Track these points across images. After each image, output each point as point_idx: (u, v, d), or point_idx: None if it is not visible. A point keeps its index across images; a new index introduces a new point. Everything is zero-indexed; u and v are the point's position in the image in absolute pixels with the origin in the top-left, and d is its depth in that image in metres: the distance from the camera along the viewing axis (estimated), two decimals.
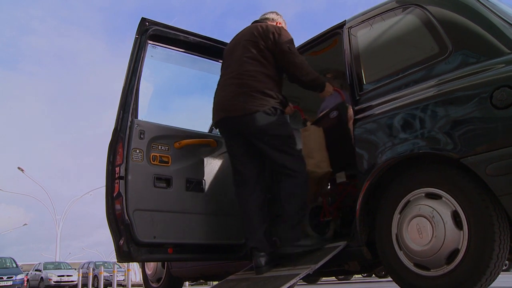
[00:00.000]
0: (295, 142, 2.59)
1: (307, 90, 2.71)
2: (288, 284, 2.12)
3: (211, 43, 3.02)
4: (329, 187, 3.21)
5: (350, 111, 2.63)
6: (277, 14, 2.84)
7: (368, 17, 2.51)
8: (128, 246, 2.39)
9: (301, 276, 2.18)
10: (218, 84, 2.71)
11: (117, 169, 2.47)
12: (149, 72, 2.88)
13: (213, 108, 2.68)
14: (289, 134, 2.57)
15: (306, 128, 2.93)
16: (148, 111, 2.85)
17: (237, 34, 2.74)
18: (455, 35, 2.05)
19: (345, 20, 2.68)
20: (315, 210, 3.06)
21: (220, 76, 2.73)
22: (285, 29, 2.66)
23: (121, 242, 2.39)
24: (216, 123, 2.66)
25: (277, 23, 2.77)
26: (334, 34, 2.79)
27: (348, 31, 2.60)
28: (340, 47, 2.66)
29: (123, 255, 2.41)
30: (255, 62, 2.52)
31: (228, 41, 3.00)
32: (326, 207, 3.04)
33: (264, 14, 2.83)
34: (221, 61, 3.13)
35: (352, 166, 2.48)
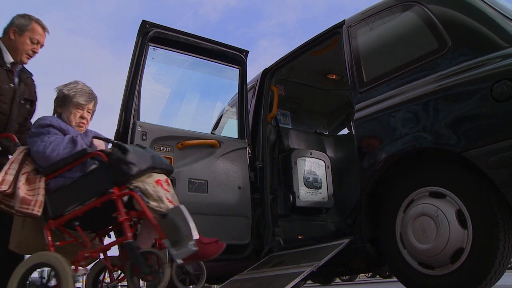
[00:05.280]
0: None
1: None
2: (293, 283, 2.12)
3: (212, 44, 3.02)
4: None
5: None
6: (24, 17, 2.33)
7: (367, 16, 2.52)
8: None
9: (306, 273, 2.17)
10: None
11: None
12: (150, 74, 2.89)
13: None
14: None
15: None
16: (150, 112, 2.86)
17: None
18: (453, 31, 2.06)
19: (345, 19, 2.69)
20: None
21: None
22: None
23: None
24: None
25: (11, 30, 2.31)
26: (334, 34, 2.79)
27: (348, 30, 2.60)
28: (340, 46, 2.66)
29: None
30: None
31: (229, 43, 3.00)
32: (111, 272, 2.20)
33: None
34: (222, 62, 3.14)
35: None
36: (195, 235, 1.76)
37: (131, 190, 1.87)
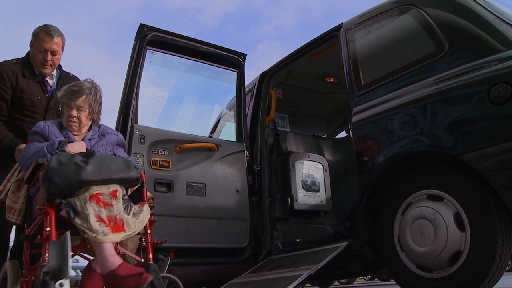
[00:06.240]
0: None
1: None
2: (291, 286, 2.11)
3: (209, 48, 3.02)
4: None
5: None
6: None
7: (365, 19, 2.52)
8: None
9: (304, 276, 2.17)
10: None
11: None
12: (148, 77, 2.89)
13: None
14: None
15: None
16: (148, 116, 2.86)
17: None
18: (451, 34, 2.07)
19: (342, 23, 2.69)
20: None
21: None
22: None
23: None
24: None
25: (30, 44, 2.50)
26: (331, 37, 2.80)
27: (346, 33, 2.61)
28: (338, 50, 2.67)
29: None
30: None
31: (227, 46, 3.01)
32: None
33: None
34: (220, 66, 3.14)
35: None
36: (68, 272, 1.52)
37: (66, 207, 1.69)
